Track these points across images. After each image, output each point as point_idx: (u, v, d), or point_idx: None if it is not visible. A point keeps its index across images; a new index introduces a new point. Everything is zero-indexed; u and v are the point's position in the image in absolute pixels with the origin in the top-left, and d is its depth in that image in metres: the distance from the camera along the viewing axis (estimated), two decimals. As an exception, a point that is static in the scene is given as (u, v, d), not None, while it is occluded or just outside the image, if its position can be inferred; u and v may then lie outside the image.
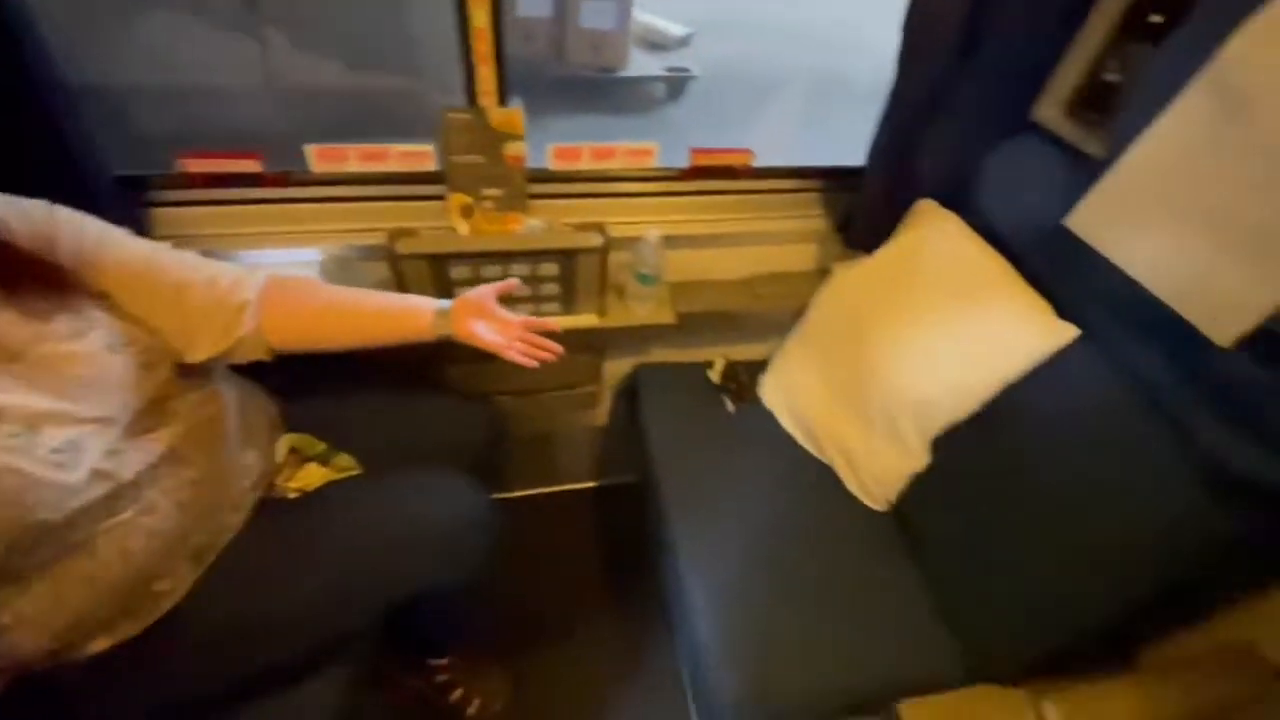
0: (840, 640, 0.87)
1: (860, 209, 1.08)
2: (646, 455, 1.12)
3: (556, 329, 0.83)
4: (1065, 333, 0.84)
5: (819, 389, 1.11)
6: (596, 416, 1.41)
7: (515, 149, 0.96)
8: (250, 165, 0.94)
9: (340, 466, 0.87)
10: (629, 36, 3.08)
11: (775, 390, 1.19)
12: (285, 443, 0.86)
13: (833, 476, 1.08)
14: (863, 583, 0.95)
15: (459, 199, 0.98)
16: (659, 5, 3.43)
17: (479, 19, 0.85)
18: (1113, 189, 0.73)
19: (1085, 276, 0.80)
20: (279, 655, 0.74)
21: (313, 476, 0.85)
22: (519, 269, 0.99)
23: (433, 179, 0.99)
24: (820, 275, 1.17)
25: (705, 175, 1.11)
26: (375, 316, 0.80)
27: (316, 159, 0.95)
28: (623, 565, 1.41)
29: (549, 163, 1.02)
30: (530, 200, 1.03)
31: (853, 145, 1.07)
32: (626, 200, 1.10)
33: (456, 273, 0.97)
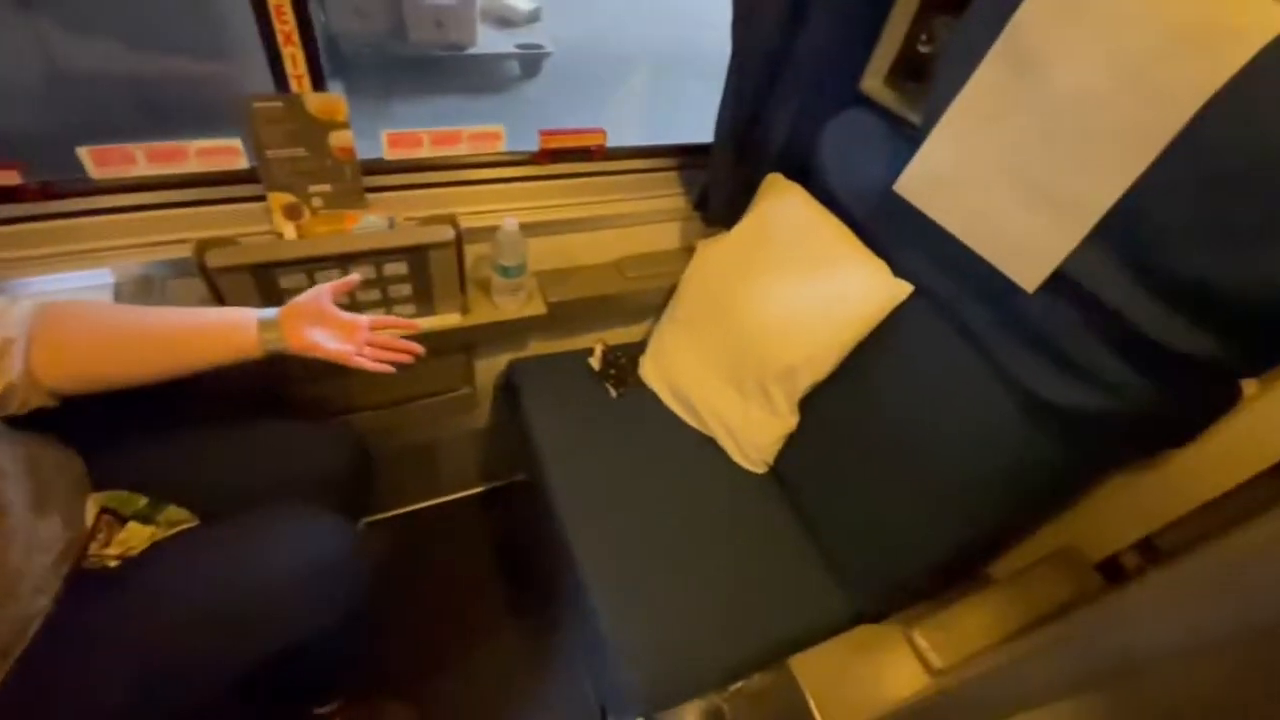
0: (738, 610, 0.90)
1: (713, 185, 1.09)
2: (532, 453, 1.08)
3: (413, 327, 0.76)
4: (901, 290, 0.90)
5: (695, 365, 1.12)
6: (475, 419, 1.35)
7: (341, 139, 0.87)
8: (7, 177, 0.78)
9: (170, 521, 0.75)
10: (475, 11, 2.92)
11: (654, 371, 1.19)
12: (94, 503, 0.73)
13: (716, 448, 1.11)
14: (752, 547, 0.98)
15: (281, 199, 0.87)
16: (501, -22, 3.28)
17: (273, -7, 0.74)
18: (929, 154, 0.79)
19: (914, 236, 0.87)
20: None
21: (136, 537, 0.73)
22: (362, 272, 0.90)
23: (248, 178, 0.87)
24: (687, 253, 1.17)
25: (558, 158, 1.07)
26: (181, 337, 0.67)
27: (95, 163, 0.80)
28: (520, 571, 1.37)
29: (384, 152, 0.93)
30: (369, 194, 0.94)
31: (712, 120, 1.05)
32: (478, 188, 1.04)
33: (288, 282, 0.87)
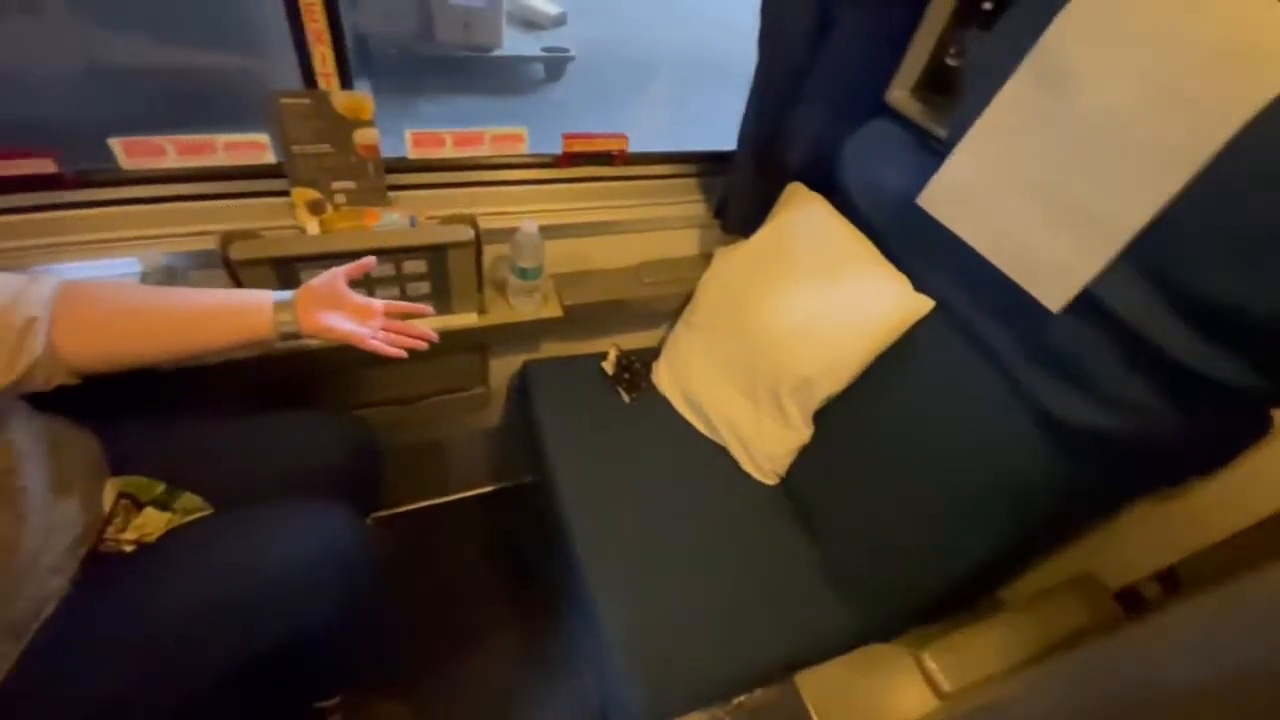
0: (742, 622, 0.89)
1: (733, 194, 1.09)
2: (542, 455, 1.08)
3: (427, 312, 0.76)
4: (922, 305, 0.89)
5: (709, 373, 1.12)
6: (487, 419, 1.35)
7: (366, 136, 0.88)
8: (43, 165, 0.79)
9: (186, 509, 0.76)
10: (502, 14, 2.95)
11: (668, 377, 1.19)
12: (112, 488, 0.74)
13: (727, 457, 1.10)
14: (760, 560, 0.97)
15: (305, 194, 0.88)
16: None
17: (306, -8, 0.75)
18: (955, 167, 0.78)
19: (937, 251, 0.85)
20: None
21: (153, 523, 0.74)
22: (382, 268, 0.91)
23: (273, 173, 0.88)
24: (705, 260, 1.17)
25: (580, 161, 1.07)
26: (197, 317, 0.66)
27: (126, 154, 0.82)
28: (525, 572, 1.36)
29: (408, 151, 0.94)
30: (391, 192, 0.95)
31: (734, 127, 1.05)
32: (499, 189, 1.04)
33: (309, 277, 0.86)
